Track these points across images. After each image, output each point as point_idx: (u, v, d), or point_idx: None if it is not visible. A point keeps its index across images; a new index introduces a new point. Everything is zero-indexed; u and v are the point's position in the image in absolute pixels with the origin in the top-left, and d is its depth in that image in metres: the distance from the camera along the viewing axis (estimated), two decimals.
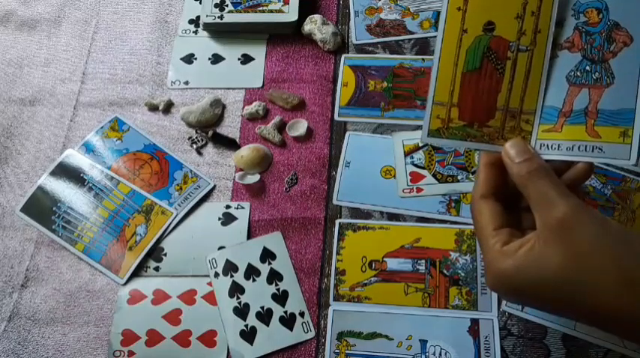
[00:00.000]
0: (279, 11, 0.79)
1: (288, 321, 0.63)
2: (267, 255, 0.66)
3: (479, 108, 0.44)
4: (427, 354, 0.60)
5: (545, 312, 0.58)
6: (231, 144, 0.74)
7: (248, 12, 0.80)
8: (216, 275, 0.65)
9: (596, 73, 0.42)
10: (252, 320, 0.63)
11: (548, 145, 0.43)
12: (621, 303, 0.38)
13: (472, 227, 0.66)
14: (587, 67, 0.42)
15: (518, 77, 0.43)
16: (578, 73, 0.43)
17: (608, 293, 0.38)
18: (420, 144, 0.71)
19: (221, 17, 0.79)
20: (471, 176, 0.69)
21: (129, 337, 0.63)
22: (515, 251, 0.40)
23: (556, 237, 0.38)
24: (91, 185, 0.71)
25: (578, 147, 0.42)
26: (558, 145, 0.43)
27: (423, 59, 0.77)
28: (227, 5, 0.80)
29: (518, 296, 0.45)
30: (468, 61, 0.43)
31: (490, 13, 0.43)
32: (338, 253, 0.66)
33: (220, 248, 0.67)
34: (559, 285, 0.39)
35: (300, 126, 0.74)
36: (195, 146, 0.74)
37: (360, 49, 0.79)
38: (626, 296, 0.37)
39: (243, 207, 0.70)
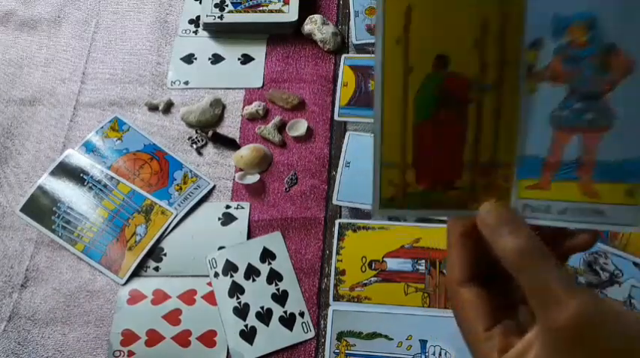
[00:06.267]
0: (279, 11, 0.79)
1: (288, 321, 0.63)
2: (267, 255, 0.66)
3: (441, 166, 0.33)
4: (427, 354, 0.60)
5: None
6: (231, 144, 0.74)
7: (248, 12, 0.80)
8: (216, 275, 0.65)
9: (590, 113, 0.31)
10: (252, 320, 0.63)
11: (534, 206, 0.32)
12: None
13: None
14: (578, 105, 0.31)
15: (486, 123, 0.32)
16: (566, 113, 0.31)
17: None
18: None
19: (221, 17, 0.79)
20: None
21: (129, 337, 0.63)
22: None
23: (566, 346, 0.30)
24: (91, 185, 0.71)
25: (572, 211, 0.32)
26: (548, 206, 0.32)
27: None
28: (227, 5, 0.80)
29: None
30: (419, 108, 0.32)
31: (440, 42, 0.31)
32: (338, 253, 0.66)
33: (220, 248, 0.67)
34: None
35: (300, 126, 0.74)
36: (195, 146, 0.74)
37: (360, 49, 0.79)
38: None
39: (243, 207, 0.69)
